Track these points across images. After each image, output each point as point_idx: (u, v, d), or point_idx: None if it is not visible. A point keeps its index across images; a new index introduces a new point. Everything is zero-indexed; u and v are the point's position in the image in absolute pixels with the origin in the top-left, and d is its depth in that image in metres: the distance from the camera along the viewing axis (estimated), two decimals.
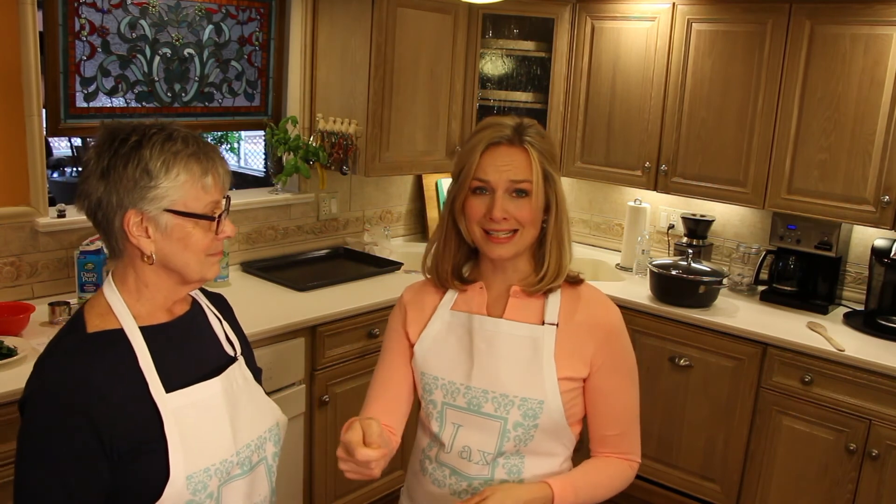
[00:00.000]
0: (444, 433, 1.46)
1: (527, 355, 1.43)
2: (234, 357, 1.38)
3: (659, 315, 3.12)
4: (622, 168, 3.49)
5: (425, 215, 3.91)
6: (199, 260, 1.26)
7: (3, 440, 1.97)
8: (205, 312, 1.40)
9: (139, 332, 1.24)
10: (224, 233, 1.29)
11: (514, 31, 3.61)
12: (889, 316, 2.93)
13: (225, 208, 1.29)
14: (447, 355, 1.48)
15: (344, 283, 3.08)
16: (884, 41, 2.77)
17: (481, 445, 1.42)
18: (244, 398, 1.35)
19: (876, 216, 2.87)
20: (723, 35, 3.13)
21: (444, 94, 3.38)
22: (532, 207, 1.40)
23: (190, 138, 1.24)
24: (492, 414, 1.42)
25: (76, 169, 8.22)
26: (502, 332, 1.44)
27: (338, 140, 3.18)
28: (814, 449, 2.82)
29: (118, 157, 1.18)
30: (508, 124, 1.42)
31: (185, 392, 1.24)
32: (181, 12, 2.93)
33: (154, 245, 1.22)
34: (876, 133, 2.83)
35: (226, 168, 1.29)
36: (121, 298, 1.25)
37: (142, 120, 1.25)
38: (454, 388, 1.45)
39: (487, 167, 1.40)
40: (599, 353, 1.45)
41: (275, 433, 1.40)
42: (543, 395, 1.40)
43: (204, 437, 1.24)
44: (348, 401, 2.87)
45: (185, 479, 1.20)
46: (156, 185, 1.18)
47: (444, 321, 1.50)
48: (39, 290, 2.61)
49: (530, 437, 1.41)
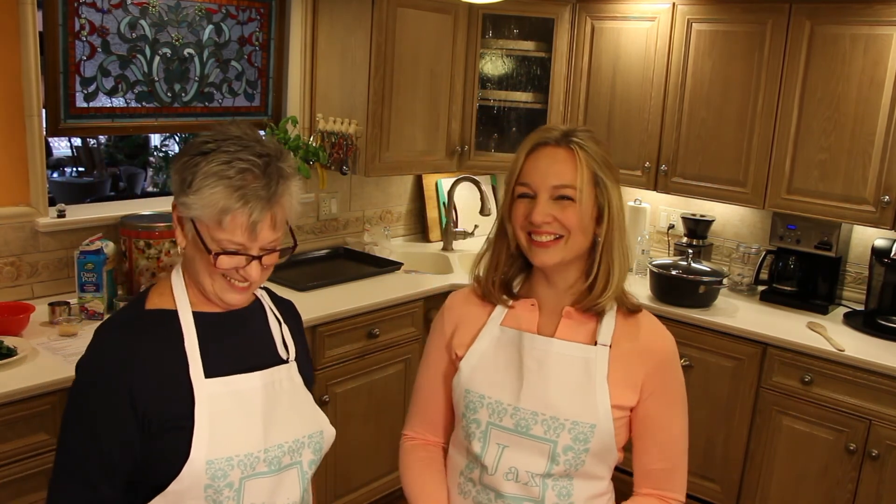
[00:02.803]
0: (488, 455, 1.38)
1: (579, 377, 1.36)
2: (285, 360, 1.39)
3: (659, 315, 3.06)
4: (622, 168, 3.49)
5: (425, 215, 3.91)
6: (211, 277, 1.27)
7: (3, 440, 1.97)
8: (265, 311, 1.42)
9: (191, 316, 1.29)
10: (229, 269, 1.25)
11: (514, 31, 3.61)
12: (889, 316, 2.93)
13: (256, 255, 1.24)
14: (495, 373, 1.40)
15: (344, 283, 3.08)
16: (884, 41, 2.77)
17: (529, 467, 1.35)
18: (287, 400, 1.35)
19: (876, 216, 2.87)
20: (723, 35, 3.13)
21: (444, 94, 3.38)
22: (579, 213, 1.33)
23: (249, 172, 1.20)
24: (541, 437, 1.35)
25: (76, 169, 8.22)
26: (554, 352, 1.37)
27: (338, 140, 3.18)
28: (814, 449, 2.82)
29: (189, 154, 1.24)
30: (560, 128, 1.37)
31: (224, 380, 1.28)
32: (181, 12, 2.93)
33: (184, 242, 1.27)
34: (876, 133, 2.83)
35: (270, 218, 1.23)
36: (182, 282, 1.31)
37: (248, 130, 1.27)
38: (501, 409, 1.38)
39: (530, 170, 1.35)
40: (650, 381, 1.38)
41: (316, 441, 1.38)
42: (596, 418, 1.34)
43: (233, 427, 1.26)
44: (348, 401, 2.87)
45: (204, 463, 1.22)
46: (189, 193, 1.22)
47: (494, 337, 1.43)
48: (39, 290, 2.61)
49: (581, 462, 1.35)
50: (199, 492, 1.23)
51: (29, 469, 2.02)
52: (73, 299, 2.52)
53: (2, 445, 1.97)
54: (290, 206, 1.27)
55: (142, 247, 2.62)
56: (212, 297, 1.30)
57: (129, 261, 2.65)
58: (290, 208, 1.27)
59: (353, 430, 2.91)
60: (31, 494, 2.04)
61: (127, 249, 2.65)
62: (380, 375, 2.96)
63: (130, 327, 1.28)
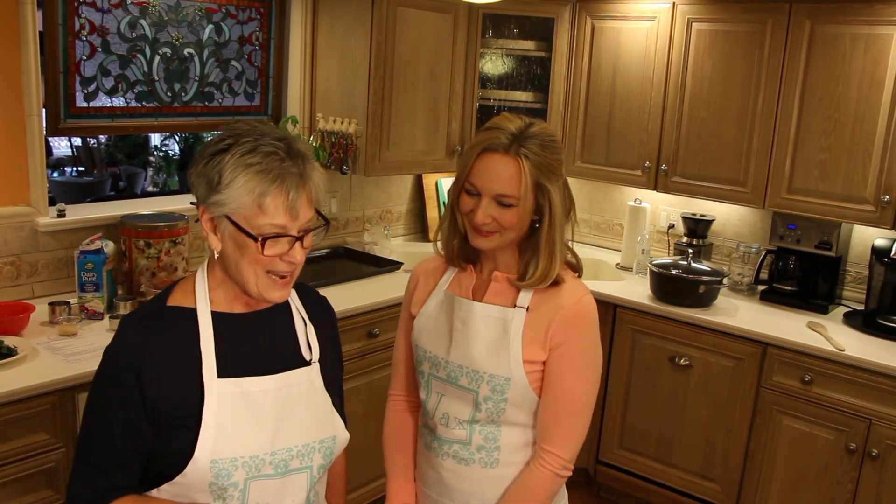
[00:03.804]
0: (430, 401, 1.61)
1: (496, 335, 1.52)
2: (307, 361, 1.39)
3: (659, 315, 3.12)
4: (622, 168, 3.49)
5: (425, 215, 3.91)
6: (256, 273, 1.26)
7: (3, 440, 1.97)
8: (291, 312, 1.42)
9: (209, 315, 1.30)
10: (274, 256, 1.25)
11: (514, 30, 3.61)
12: (889, 315, 2.93)
13: (297, 235, 1.26)
14: (435, 331, 1.60)
15: (344, 282, 3.08)
16: (884, 41, 2.77)
17: (458, 413, 1.55)
18: (302, 403, 1.35)
19: (876, 216, 2.87)
20: (723, 35, 3.13)
21: (444, 93, 3.38)
22: (517, 215, 1.46)
23: (276, 155, 1.22)
24: (466, 387, 1.54)
25: (76, 168, 8.22)
26: (475, 314, 1.54)
27: (338, 140, 3.18)
28: (814, 449, 2.82)
29: (207, 156, 1.24)
30: (509, 130, 1.45)
31: (237, 381, 1.28)
32: (181, 12, 2.93)
33: (220, 245, 1.28)
34: (876, 133, 2.83)
35: (305, 196, 1.26)
36: (205, 281, 1.33)
37: (257, 124, 1.28)
38: (437, 361, 1.58)
39: (479, 174, 1.46)
40: (556, 335, 1.49)
41: (327, 446, 1.39)
42: (510, 372, 1.50)
43: (241, 428, 1.27)
44: (348, 401, 2.85)
45: (208, 462, 1.24)
46: (220, 190, 1.22)
47: (439, 300, 1.62)
48: (39, 289, 2.61)
49: (501, 410, 1.52)
50: (205, 487, 1.25)
51: (29, 469, 2.02)
52: (73, 299, 2.52)
53: (2, 445, 1.97)
54: (319, 184, 1.29)
55: (142, 246, 2.62)
56: (255, 296, 1.29)
57: (129, 260, 2.65)
58: (320, 187, 1.29)
59: (353, 429, 2.87)
60: (31, 494, 2.04)
61: (127, 249, 2.65)
62: (380, 375, 2.96)
63: (148, 322, 1.30)
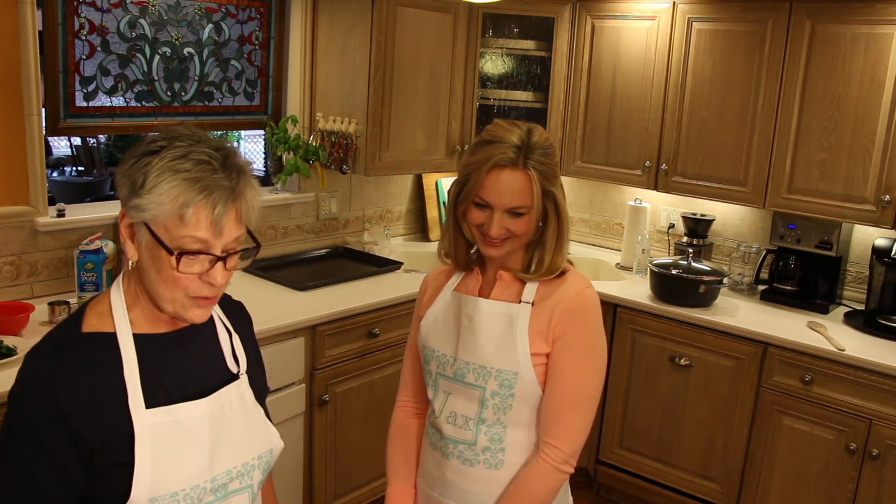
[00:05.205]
0: (437, 400, 1.62)
1: (503, 330, 1.54)
2: (235, 375, 1.32)
3: (659, 315, 3.12)
4: (622, 167, 3.49)
5: (425, 215, 3.90)
6: (171, 292, 1.16)
7: None
8: (214, 324, 1.33)
9: (131, 340, 1.19)
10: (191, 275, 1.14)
11: (515, 30, 3.61)
12: (889, 315, 2.93)
13: (220, 255, 1.15)
14: (443, 330, 1.62)
15: (344, 282, 3.08)
16: (884, 40, 2.77)
17: (465, 412, 1.57)
18: (236, 421, 1.28)
19: (876, 215, 2.86)
20: (723, 34, 3.13)
21: (444, 93, 3.38)
22: (528, 222, 1.51)
23: (208, 165, 1.12)
24: (473, 383, 1.56)
25: (76, 168, 8.21)
26: (482, 310, 1.57)
27: (338, 139, 3.18)
28: (814, 449, 2.81)
29: (136, 156, 1.14)
30: (513, 143, 1.48)
31: (167, 409, 1.18)
32: (181, 11, 2.93)
33: (136, 254, 1.17)
34: (876, 132, 2.82)
35: (234, 212, 1.15)
36: (122, 301, 1.21)
37: (197, 130, 1.18)
38: (445, 360, 1.60)
39: (490, 190, 1.49)
40: (558, 326, 1.51)
41: (266, 460, 1.33)
42: (517, 367, 1.51)
43: (178, 459, 1.18)
44: (348, 400, 2.87)
45: (147, 501, 1.15)
46: (142, 194, 1.11)
47: (446, 301, 1.65)
48: (39, 289, 2.61)
49: (508, 406, 1.53)
50: None
51: None
52: (72, 299, 2.52)
53: None
54: (252, 202, 1.18)
55: None
56: (170, 315, 1.19)
57: None
58: (253, 205, 1.19)
59: (353, 429, 2.91)
60: None
61: None
62: (380, 375, 2.95)
63: (64, 352, 1.15)
